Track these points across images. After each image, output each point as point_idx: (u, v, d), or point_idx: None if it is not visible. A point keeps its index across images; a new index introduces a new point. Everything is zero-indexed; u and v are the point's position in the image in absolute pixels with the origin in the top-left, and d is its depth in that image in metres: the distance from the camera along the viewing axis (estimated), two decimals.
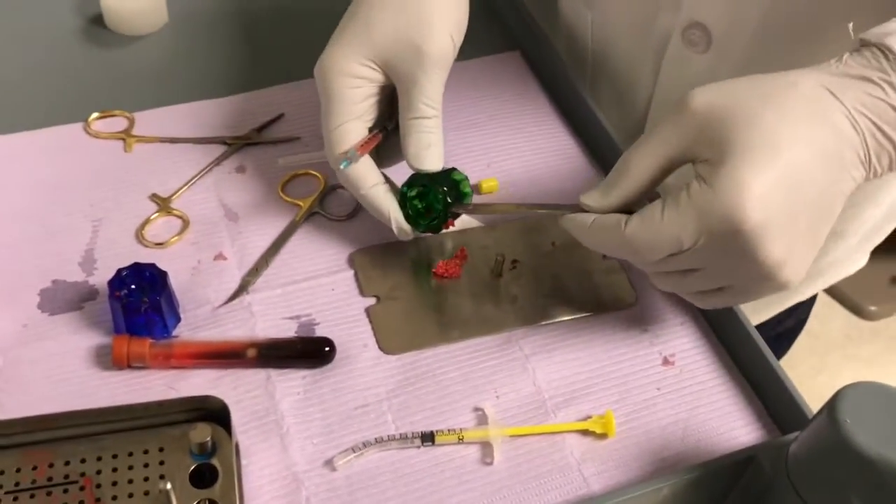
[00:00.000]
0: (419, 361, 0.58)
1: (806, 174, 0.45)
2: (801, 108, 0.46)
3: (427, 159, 0.58)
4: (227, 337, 0.58)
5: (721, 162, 0.46)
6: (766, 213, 0.45)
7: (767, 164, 0.45)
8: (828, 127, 0.46)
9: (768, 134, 0.46)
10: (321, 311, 0.60)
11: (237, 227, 0.64)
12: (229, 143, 0.69)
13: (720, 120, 0.47)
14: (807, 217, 0.46)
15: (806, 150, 0.45)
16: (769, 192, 0.45)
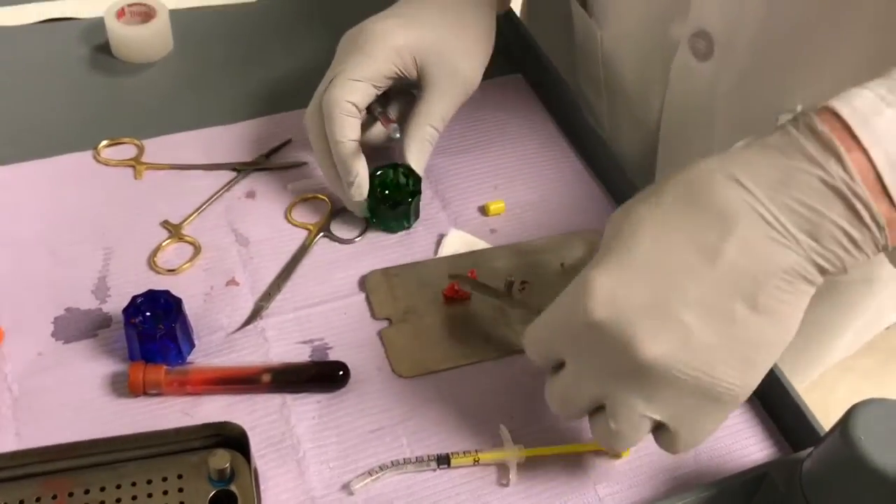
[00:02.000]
0: (433, 384, 0.58)
1: (675, 268, 0.43)
2: (677, 197, 0.43)
3: (420, 164, 0.64)
4: (242, 362, 0.58)
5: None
6: (616, 308, 0.43)
7: (617, 262, 0.43)
8: (709, 212, 0.43)
9: (628, 232, 0.44)
10: (334, 334, 0.60)
11: (248, 252, 0.64)
12: (238, 170, 0.69)
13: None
14: (698, 312, 0.42)
15: (674, 242, 0.43)
16: (618, 288, 0.43)
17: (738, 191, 0.43)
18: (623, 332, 0.43)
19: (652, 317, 0.43)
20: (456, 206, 0.69)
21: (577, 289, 0.45)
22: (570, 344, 0.47)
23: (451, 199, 0.69)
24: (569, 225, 0.68)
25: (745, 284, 0.43)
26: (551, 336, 0.48)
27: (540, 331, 0.49)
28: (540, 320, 0.49)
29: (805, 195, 0.42)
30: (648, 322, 0.43)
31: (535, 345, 0.50)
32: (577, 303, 0.45)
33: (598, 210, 0.70)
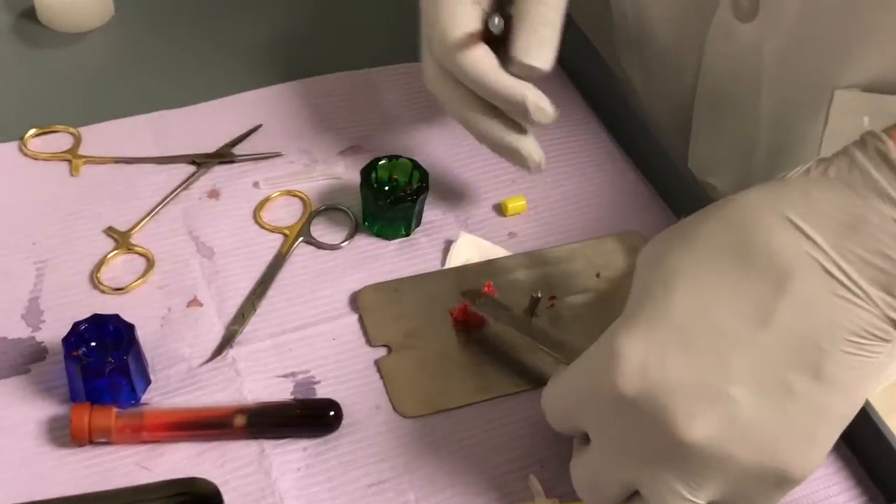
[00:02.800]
0: (444, 425, 0.57)
1: (719, 331, 0.43)
2: (717, 242, 0.44)
3: (539, 56, 0.57)
4: (210, 402, 0.56)
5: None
6: (649, 381, 0.43)
7: (649, 323, 0.43)
8: (759, 263, 0.42)
9: (659, 284, 0.44)
10: (322, 365, 0.59)
11: (213, 264, 0.63)
12: (198, 163, 0.68)
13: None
14: (748, 385, 0.42)
15: (717, 299, 0.43)
16: (651, 356, 0.43)
17: (795, 236, 0.43)
18: (659, 410, 0.43)
19: (693, 391, 0.43)
20: (466, 205, 0.68)
21: (601, 354, 0.45)
22: (596, 419, 0.46)
23: (460, 197, 0.68)
24: (605, 226, 0.67)
25: (805, 350, 0.42)
26: (573, 407, 0.47)
27: (559, 398, 0.49)
28: (559, 384, 0.49)
29: (880, 243, 0.42)
30: (689, 398, 0.43)
31: (554, 413, 0.49)
32: (602, 373, 0.44)
33: (642, 208, 0.69)
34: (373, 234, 0.66)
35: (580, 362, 0.47)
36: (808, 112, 0.66)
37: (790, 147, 0.69)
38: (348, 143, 0.71)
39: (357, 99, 0.74)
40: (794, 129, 0.68)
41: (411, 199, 0.64)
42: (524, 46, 0.57)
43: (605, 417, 0.46)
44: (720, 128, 0.73)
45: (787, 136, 0.69)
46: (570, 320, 0.62)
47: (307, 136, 0.71)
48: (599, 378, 0.44)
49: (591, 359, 0.46)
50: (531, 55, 0.57)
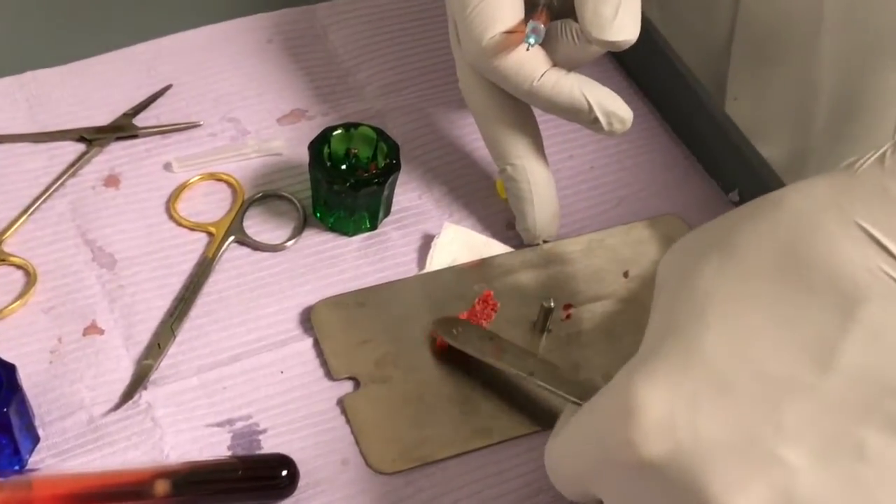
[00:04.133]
0: (430, 482, 0.57)
1: (768, 375, 0.43)
2: (764, 256, 0.44)
3: (614, 26, 0.56)
4: (120, 463, 0.56)
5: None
6: (678, 441, 0.43)
7: (676, 363, 0.43)
8: (820, 286, 0.43)
9: (689, 309, 0.44)
10: (267, 408, 0.59)
11: (115, 276, 0.63)
12: (88, 139, 0.68)
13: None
14: (806, 446, 0.43)
15: (764, 333, 0.43)
16: (681, 407, 0.43)
17: (867, 249, 0.42)
18: (692, 479, 0.42)
19: (735, 454, 0.42)
20: (451, 187, 0.68)
21: (615, 406, 0.44)
22: (612, 489, 0.46)
23: (442, 175, 0.68)
24: (632, 208, 0.68)
25: (881, 399, 0.42)
26: (581, 471, 0.47)
27: (564, 459, 0.48)
28: (566, 440, 0.48)
29: None
30: (730, 462, 0.42)
31: (560, 476, 0.49)
32: (616, 431, 0.44)
33: (679, 182, 0.69)
34: (327, 228, 0.65)
35: (588, 415, 0.47)
36: (883, 61, 0.66)
37: (860, 107, 0.69)
38: (289, 106, 0.71)
39: (299, 46, 0.74)
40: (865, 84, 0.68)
41: (378, 181, 0.63)
42: (591, 18, 0.57)
43: (622, 488, 0.45)
44: (765, 83, 0.73)
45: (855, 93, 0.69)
46: (593, 335, 0.62)
47: (233, 98, 0.71)
48: (613, 437, 0.44)
49: (601, 411, 0.46)
50: (602, 26, 0.56)
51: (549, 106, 0.60)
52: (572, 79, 0.60)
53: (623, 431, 0.43)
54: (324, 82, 0.72)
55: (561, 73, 0.60)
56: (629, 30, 0.57)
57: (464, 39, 0.60)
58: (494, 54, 0.59)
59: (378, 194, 0.63)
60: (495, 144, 0.63)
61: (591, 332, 0.62)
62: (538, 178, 0.63)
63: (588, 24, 0.57)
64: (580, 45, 0.59)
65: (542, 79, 0.59)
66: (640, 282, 0.64)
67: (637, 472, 0.44)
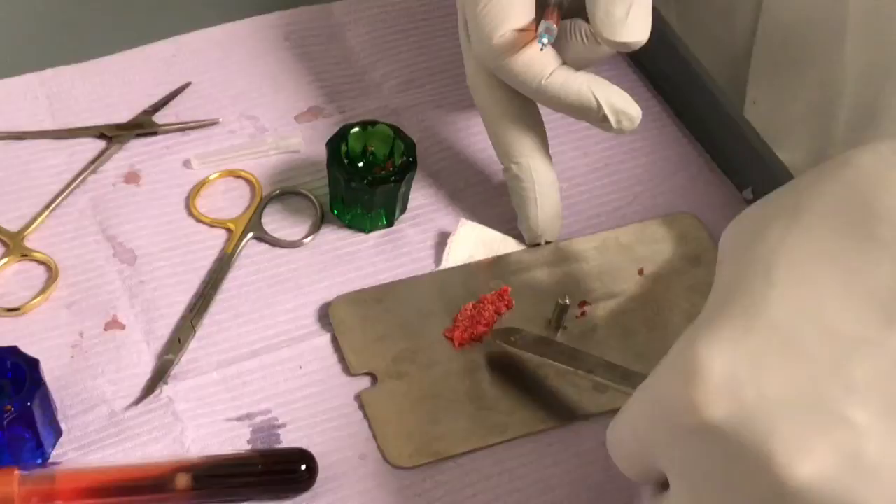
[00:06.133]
0: (449, 476, 0.57)
1: (836, 335, 0.42)
2: (832, 215, 0.43)
3: (626, 26, 0.56)
4: (142, 457, 0.56)
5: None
6: (742, 403, 0.42)
7: (741, 324, 0.43)
8: (892, 242, 0.42)
9: (753, 272, 0.43)
10: (286, 403, 0.59)
11: (136, 272, 0.63)
12: (109, 136, 0.68)
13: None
14: (876, 407, 0.41)
15: (833, 293, 0.42)
16: (745, 369, 0.42)
17: None
18: (755, 441, 0.41)
19: (801, 414, 0.41)
20: (466, 184, 0.68)
21: (676, 368, 0.44)
22: (675, 456, 0.45)
23: (458, 173, 0.69)
24: (648, 206, 0.68)
25: None
26: (643, 441, 0.46)
27: (626, 432, 0.48)
28: (625, 414, 0.48)
29: None
30: (796, 422, 0.41)
31: (621, 452, 0.48)
32: (678, 394, 0.43)
33: (695, 181, 0.69)
34: (344, 225, 0.65)
35: (649, 382, 0.46)
36: None
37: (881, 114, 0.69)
38: (307, 103, 0.71)
39: (316, 44, 0.74)
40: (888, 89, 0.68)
41: (395, 178, 0.63)
42: (603, 18, 0.57)
43: (686, 454, 0.44)
44: (785, 88, 0.73)
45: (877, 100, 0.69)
46: (608, 333, 0.62)
47: (252, 96, 0.71)
48: (676, 400, 0.43)
49: (663, 375, 0.45)
50: (613, 26, 0.57)
51: (557, 104, 0.60)
52: (581, 77, 0.60)
53: (685, 393, 0.42)
54: (340, 80, 0.73)
55: (570, 71, 0.60)
56: (640, 31, 0.57)
57: (474, 36, 0.61)
58: (505, 52, 0.59)
59: (395, 191, 0.64)
60: (501, 142, 0.63)
61: (605, 330, 0.62)
62: (542, 178, 0.63)
63: (599, 25, 0.57)
64: (590, 45, 0.59)
65: (550, 77, 0.59)
66: (655, 279, 0.64)
67: (701, 435, 0.43)
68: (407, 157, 0.64)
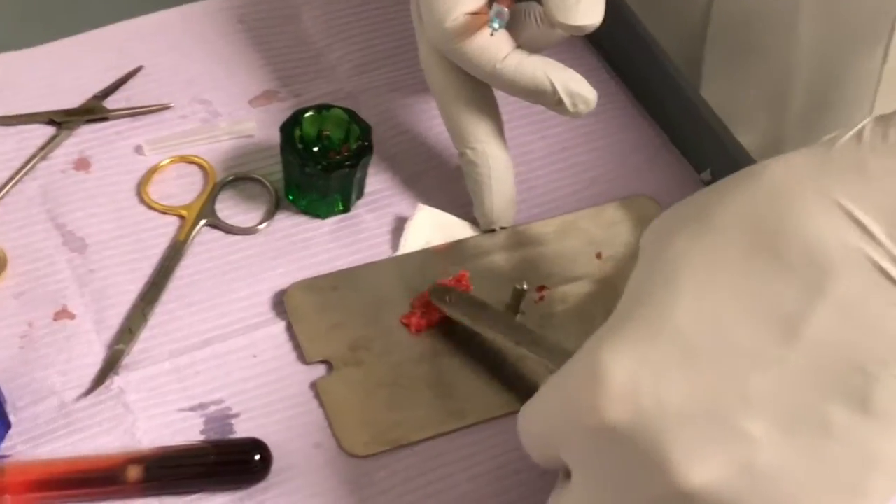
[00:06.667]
0: (406, 464, 0.57)
1: (735, 346, 0.43)
2: (739, 228, 0.44)
3: (578, 10, 0.56)
4: (92, 449, 0.56)
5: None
6: (641, 408, 0.43)
7: (644, 331, 0.44)
8: (792, 259, 0.43)
9: (660, 279, 0.44)
10: (240, 392, 0.58)
11: (85, 261, 0.62)
12: (58, 122, 0.67)
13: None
14: (769, 418, 0.43)
15: (734, 303, 0.43)
16: (645, 375, 0.43)
17: (843, 224, 0.42)
18: (653, 445, 0.43)
19: (697, 423, 0.42)
20: (424, 168, 0.68)
21: (582, 370, 0.45)
22: (577, 453, 0.46)
23: (415, 157, 0.68)
24: (605, 189, 0.68)
25: (848, 374, 0.42)
26: (549, 433, 0.48)
27: (534, 423, 0.49)
28: (534, 405, 0.49)
29: None
30: (692, 431, 0.42)
31: (530, 439, 0.50)
32: (582, 395, 0.44)
33: (652, 163, 0.69)
34: (299, 210, 0.65)
35: (558, 378, 0.47)
36: (861, 49, 0.66)
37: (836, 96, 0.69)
38: (261, 87, 0.70)
39: (271, 27, 0.73)
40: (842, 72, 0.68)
41: (350, 163, 0.63)
42: (561, 2, 0.57)
43: (586, 451, 0.46)
44: (741, 69, 0.73)
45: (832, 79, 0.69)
46: (566, 317, 0.62)
47: (204, 80, 0.70)
48: (579, 401, 0.44)
49: (570, 375, 0.46)
50: (567, 11, 0.56)
51: (512, 88, 0.60)
52: (535, 61, 0.59)
53: (589, 396, 0.44)
54: (295, 63, 0.72)
55: (524, 55, 0.59)
56: (593, 14, 0.57)
57: (427, 19, 0.60)
58: (458, 36, 0.59)
59: (350, 176, 0.63)
60: (456, 127, 0.63)
61: (564, 314, 0.62)
62: (497, 164, 0.63)
63: (552, 8, 0.57)
64: (544, 29, 0.59)
65: (505, 61, 0.59)
66: (613, 263, 0.64)
67: (601, 436, 0.44)
68: (362, 141, 0.63)
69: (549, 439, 0.48)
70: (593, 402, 0.43)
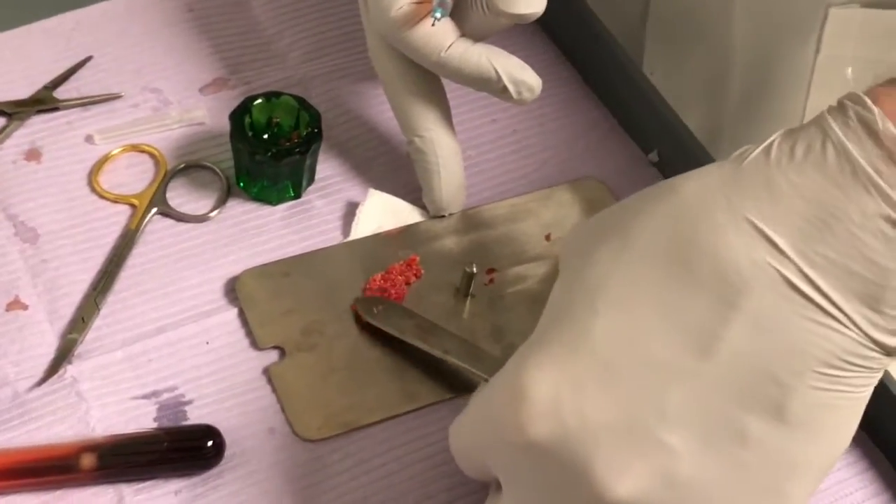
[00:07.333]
0: (358, 447, 0.57)
1: (653, 360, 0.43)
2: (655, 245, 0.44)
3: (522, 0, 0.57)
4: (46, 438, 0.56)
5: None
6: (563, 423, 0.44)
7: (564, 347, 0.44)
8: (705, 276, 0.43)
9: (581, 295, 0.45)
10: (193, 379, 0.59)
11: (37, 251, 0.62)
12: (8, 113, 0.67)
13: None
14: (688, 430, 0.43)
15: (651, 319, 0.44)
16: (567, 390, 0.44)
17: (751, 240, 0.43)
18: (576, 460, 0.44)
19: (618, 438, 0.43)
20: (374, 153, 0.68)
21: (506, 388, 0.45)
22: (504, 467, 0.47)
23: (364, 143, 0.69)
24: (554, 171, 0.68)
25: (761, 386, 0.43)
26: (478, 447, 0.48)
27: (463, 438, 0.50)
28: (463, 422, 0.50)
29: (861, 244, 0.42)
30: (613, 445, 0.43)
31: (460, 455, 0.50)
32: (506, 413, 0.45)
33: (600, 144, 0.70)
34: (251, 197, 0.65)
35: (484, 395, 0.48)
36: (795, 38, 0.67)
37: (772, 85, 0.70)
38: (211, 75, 0.70)
39: (221, 14, 0.73)
40: (777, 57, 0.69)
41: (300, 150, 0.63)
42: None
43: (513, 466, 0.46)
44: (679, 60, 0.74)
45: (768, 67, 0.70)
46: (516, 299, 0.62)
47: (154, 68, 0.70)
48: (503, 418, 0.45)
49: (494, 393, 0.47)
50: (517, 2, 0.57)
51: (457, 76, 0.60)
52: (480, 49, 0.60)
53: (512, 414, 0.44)
54: (246, 50, 0.72)
55: (468, 43, 0.60)
56: (536, 3, 0.57)
57: (372, 9, 0.60)
58: (403, 25, 0.59)
59: (301, 163, 0.63)
60: (404, 115, 0.63)
61: (513, 296, 0.62)
62: (445, 152, 0.63)
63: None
64: (489, 17, 0.59)
65: (449, 49, 0.59)
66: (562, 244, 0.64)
67: (527, 452, 0.45)
68: (312, 128, 0.64)
69: (479, 453, 0.48)
70: (517, 419, 0.44)
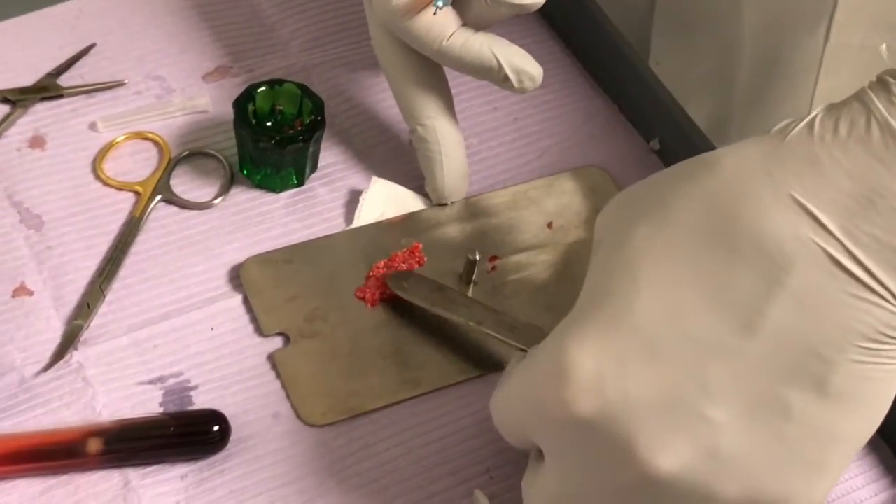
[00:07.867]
0: (363, 432, 0.58)
1: (696, 337, 0.44)
2: (696, 222, 0.45)
3: None
4: (53, 423, 0.56)
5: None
6: (608, 400, 0.44)
7: (607, 325, 0.44)
8: (749, 253, 0.43)
9: (621, 272, 0.45)
10: (198, 365, 0.59)
11: (43, 238, 0.63)
12: (12, 100, 0.67)
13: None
14: (731, 405, 0.44)
15: (694, 296, 0.44)
16: (610, 368, 0.44)
17: (796, 217, 0.43)
18: (620, 435, 0.44)
19: (661, 412, 0.44)
20: (377, 141, 0.68)
21: (548, 365, 0.46)
22: (549, 440, 0.48)
23: (367, 131, 0.69)
24: (556, 160, 0.68)
25: (805, 361, 0.43)
26: (521, 420, 0.49)
27: (505, 412, 0.50)
28: (504, 396, 0.50)
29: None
30: (656, 420, 0.44)
31: (502, 425, 0.51)
32: (549, 389, 0.45)
33: (602, 133, 0.70)
34: (254, 185, 0.65)
35: (525, 372, 0.48)
36: (804, 27, 0.67)
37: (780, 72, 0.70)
38: (214, 63, 0.71)
39: (224, 2, 0.73)
40: (786, 46, 0.69)
41: (303, 137, 0.63)
42: None
43: (557, 440, 0.47)
44: (687, 49, 0.74)
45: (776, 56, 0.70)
46: (518, 286, 0.63)
47: (157, 56, 0.70)
48: (546, 395, 0.46)
49: (536, 369, 0.47)
50: None
51: (459, 65, 0.61)
52: (481, 38, 0.60)
53: (556, 391, 0.45)
54: (248, 38, 0.72)
55: (470, 32, 0.60)
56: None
57: (374, 4, 0.61)
58: (405, 14, 0.59)
59: (304, 151, 0.64)
60: (406, 104, 0.63)
61: (516, 283, 0.63)
62: (448, 140, 0.63)
63: None
64: (490, 6, 0.59)
65: (451, 38, 0.60)
66: (564, 232, 0.65)
67: (571, 427, 0.45)
68: (315, 115, 0.64)
69: (521, 428, 0.49)
70: (561, 395, 0.45)
